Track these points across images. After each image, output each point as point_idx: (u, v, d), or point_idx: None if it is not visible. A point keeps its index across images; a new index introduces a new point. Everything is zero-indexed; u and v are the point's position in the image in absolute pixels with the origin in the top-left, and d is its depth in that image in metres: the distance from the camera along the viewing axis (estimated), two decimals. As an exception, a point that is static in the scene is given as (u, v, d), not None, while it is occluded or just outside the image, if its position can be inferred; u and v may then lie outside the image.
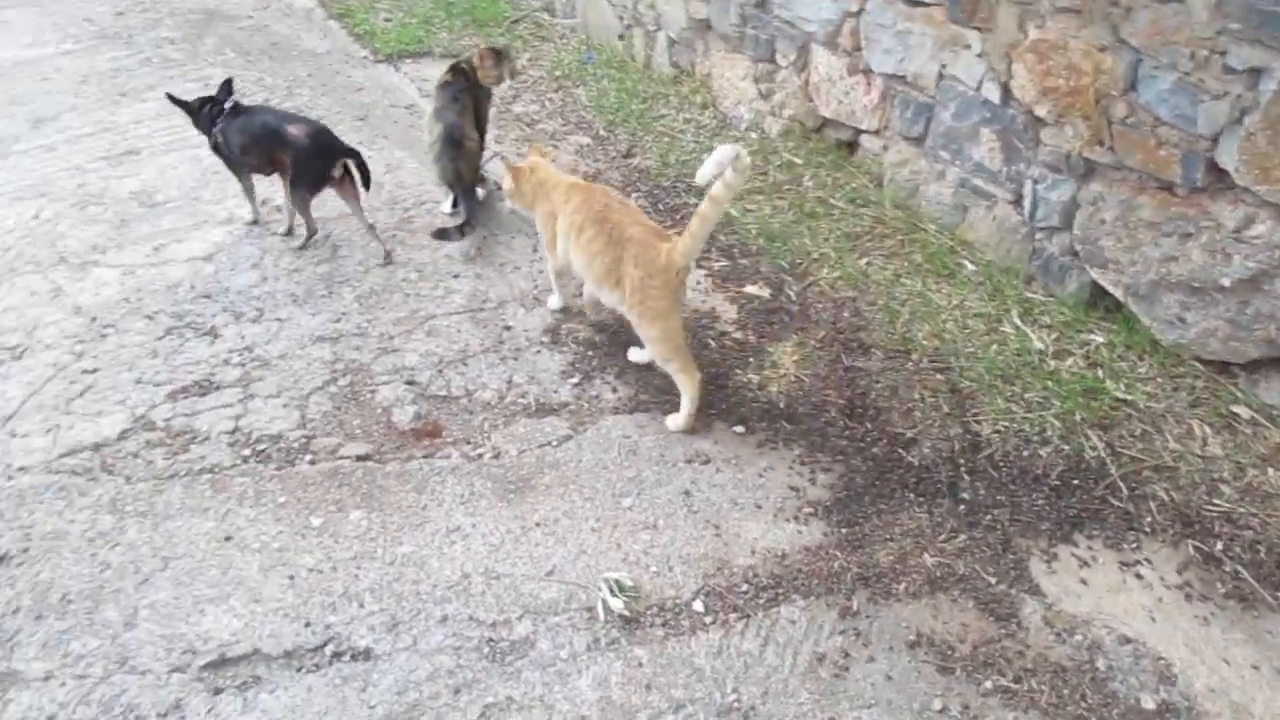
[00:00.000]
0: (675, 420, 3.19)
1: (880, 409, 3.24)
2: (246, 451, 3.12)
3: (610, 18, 5.92)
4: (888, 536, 2.81)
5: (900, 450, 3.09)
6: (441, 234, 4.12)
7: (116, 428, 3.22)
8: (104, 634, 2.54)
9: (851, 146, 4.48)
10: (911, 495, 2.94)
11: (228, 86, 4.22)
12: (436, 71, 5.79)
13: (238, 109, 4.14)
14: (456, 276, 3.99)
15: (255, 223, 4.37)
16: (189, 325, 3.72)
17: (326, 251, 4.16)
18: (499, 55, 4.31)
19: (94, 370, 3.48)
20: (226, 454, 3.11)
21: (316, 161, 3.97)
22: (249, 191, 4.28)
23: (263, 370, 3.47)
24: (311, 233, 4.19)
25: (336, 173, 4.01)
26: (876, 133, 4.25)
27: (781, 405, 3.27)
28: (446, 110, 4.23)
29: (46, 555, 2.77)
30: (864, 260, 3.91)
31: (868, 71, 4.16)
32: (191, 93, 4.41)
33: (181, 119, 4.91)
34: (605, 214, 3.21)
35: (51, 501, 2.94)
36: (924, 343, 3.47)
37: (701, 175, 2.86)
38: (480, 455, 3.11)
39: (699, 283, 3.92)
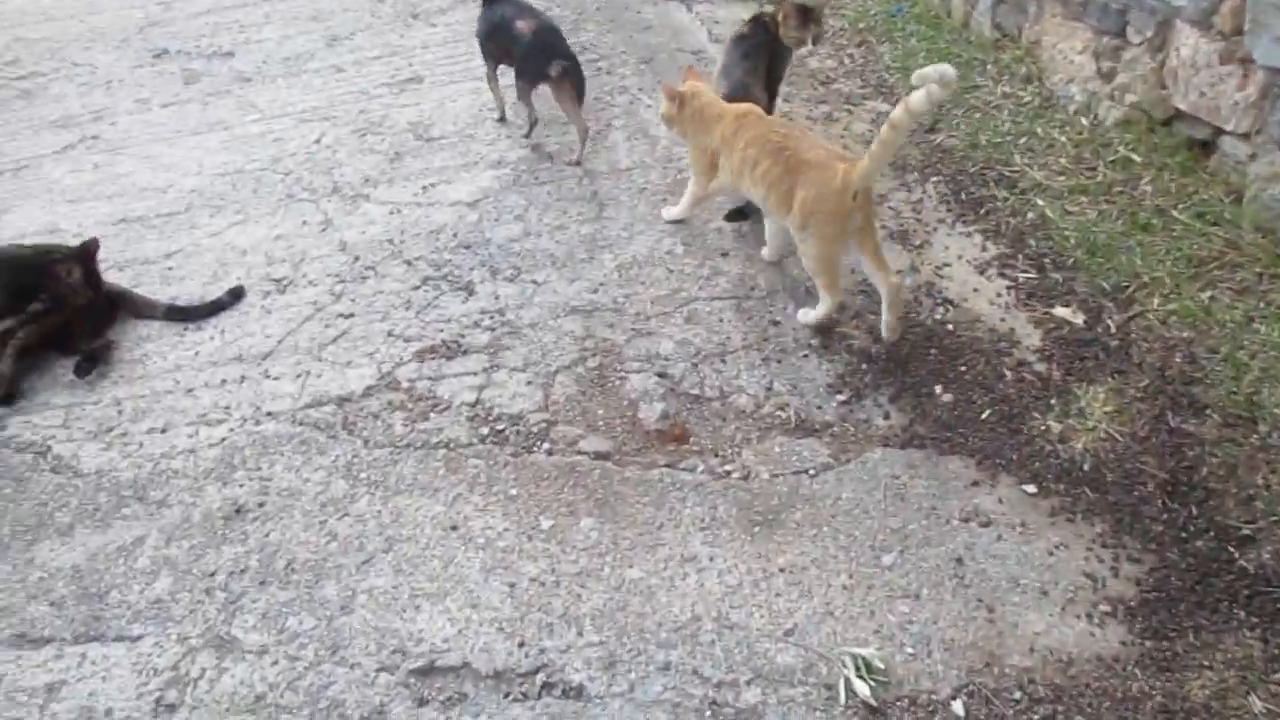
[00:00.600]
0: (806, 314, 3.35)
1: (1211, 490, 2.70)
2: (485, 430, 2.99)
3: (928, -35, 5.37)
4: (1205, 662, 2.32)
5: (1232, 549, 2.56)
6: (735, 214, 3.86)
7: (362, 382, 3.19)
8: (321, 614, 2.49)
9: (1207, 148, 3.80)
10: (1242, 613, 2.42)
11: None
12: (729, 14, 5.49)
13: None
14: (725, 255, 3.70)
15: (502, 119, 4.63)
16: (445, 277, 3.64)
17: (592, 209, 3.97)
18: (806, 14, 3.91)
19: (349, 315, 3.47)
20: (464, 429, 3.00)
21: (535, 58, 4.18)
22: (492, 81, 4.56)
23: (512, 338, 3.34)
24: (532, 122, 4.43)
25: (553, 71, 4.13)
26: (1245, 136, 3.56)
27: (1085, 467, 2.80)
28: (735, 68, 3.91)
29: (279, 514, 2.76)
30: (1207, 293, 3.30)
31: (1247, 61, 3.47)
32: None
33: (466, 50, 4.92)
34: (784, 143, 3.22)
35: (291, 455, 2.94)
36: (1276, 411, 2.87)
37: (917, 75, 2.86)
38: (728, 473, 2.84)
39: (999, 295, 3.44)
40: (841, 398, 3.08)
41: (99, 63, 5.32)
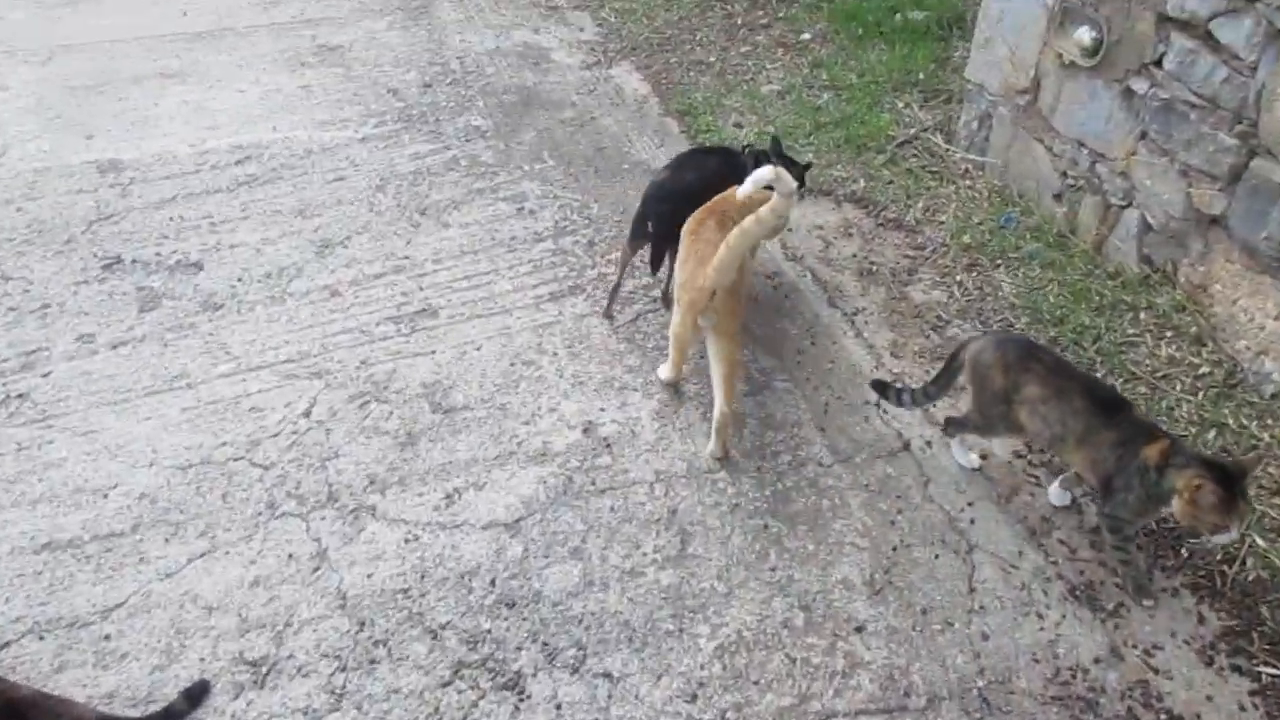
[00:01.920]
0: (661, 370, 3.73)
1: None
2: None
3: (1046, 168, 4.55)
4: None
5: None
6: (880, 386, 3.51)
7: None
8: None
9: None
10: None
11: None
12: (798, 214, 4.67)
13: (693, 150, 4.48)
14: (860, 630, 2.83)
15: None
16: (484, 664, 2.75)
17: (673, 540, 3.10)
18: (1233, 490, 2.51)
19: (354, 741, 2.56)
20: None
21: (640, 210, 3.99)
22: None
23: (586, 795, 2.44)
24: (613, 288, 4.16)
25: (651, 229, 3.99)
26: None
27: None
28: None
29: None
30: None
31: None
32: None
33: (488, 266, 4.19)
34: (693, 229, 3.50)
35: None
36: None
37: (741, 193, 3.27)
38: None
39: (1243, 709, 2.59)
40: None
41: (35, 275, 4.42)
